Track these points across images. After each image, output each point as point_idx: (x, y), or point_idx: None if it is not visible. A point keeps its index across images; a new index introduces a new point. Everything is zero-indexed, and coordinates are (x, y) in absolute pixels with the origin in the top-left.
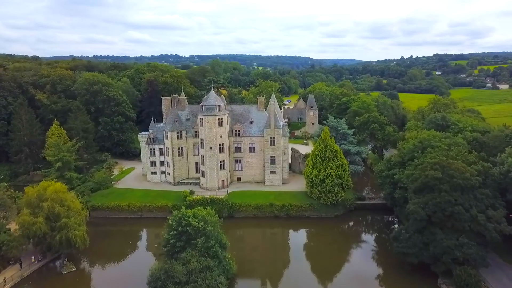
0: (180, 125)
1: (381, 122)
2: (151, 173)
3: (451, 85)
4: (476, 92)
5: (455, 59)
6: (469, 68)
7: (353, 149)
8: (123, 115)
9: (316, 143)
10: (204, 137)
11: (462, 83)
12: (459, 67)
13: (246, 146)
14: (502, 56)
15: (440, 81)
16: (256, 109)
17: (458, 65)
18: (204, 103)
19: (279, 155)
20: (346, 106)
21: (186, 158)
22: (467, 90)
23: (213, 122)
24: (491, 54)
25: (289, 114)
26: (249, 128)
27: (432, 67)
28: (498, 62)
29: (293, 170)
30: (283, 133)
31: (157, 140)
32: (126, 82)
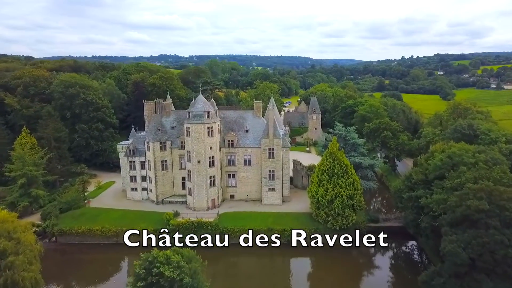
0: (164, 134)
1: (393, 129)
2: (131, 189)
3: (455, 85)
4: (481, 93)
5: (456, 59)
6: (471, 68)
7: (365, 162)
8: (103, 121)
9: (323, 157)
10: (191, 148)
11: (466, 84)
12: (461, 67)
13: (241, 159)
14: (504, 56)
15: (444, 81)
16: (252, 115)
17: (461, 65)
18: (191, 109)
19: (279, 169)
20: (352, 110)
21: (171, 173)
22: (471, 90)
23: (201, 131)
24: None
25: (289, 119)
26: (244, 138)
27: (434, 67)
28: (502, 62)
29: (295, 185)
30: (284, 143)
31: (137, 151)
32: (110, 83)
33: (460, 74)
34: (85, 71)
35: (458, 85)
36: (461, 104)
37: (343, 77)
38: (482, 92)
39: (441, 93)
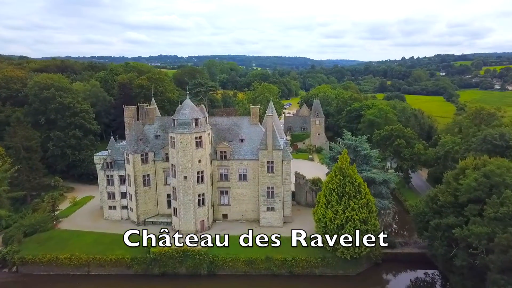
0: (146, 144)
1: (408, 137)
2: (109, 207)
3: (457, 86)
4: (485, 94)
5: (457, 59)
6: (474, 68)
7: (378, 177)
8: (82, 127)
9: (331, 173)
10: (176, 162)
11: (469, 84)
12: (463, 68)
13: (235, 173)
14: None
15: (446, 82)
16: (248, 122)
17: (463, 66)
18: (176, 116)
19: (279, 186)
20: (358, 114)
21: (155, 189)
22: (474, 91)
23: (188, 141)
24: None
25: (290, 123)
26: (239, 149)
27: (435, 67)
28: (504, 63)
29: (298, 202)
30: (285, 155)
31: (116, 164)
32: (95, 85)
33: (462, 74)
34: (72, 71)
35: (461, 86)
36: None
37: (344, 78)
38: (487, 93)
39: (445, 94)
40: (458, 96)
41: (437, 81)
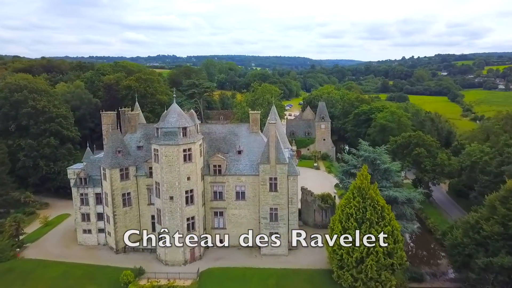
0: (126, 157)
1: (428, 145)
2: (83, 231)
3: (460, 86)
4: (490, 94)
5: (458, 59)
6: (476, 68)
7: (401, 196)
8: (58, 135)
9: (348, 194)
10: (160, 179)
11: (472, 84)
12: (466, 68)
13: (232, 191)
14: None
15: (449, 82)
16: (247, 130)
17: (465, 66)
18: (161, 124)
19: (284, 207)
20: (367, 117)
21: (137, 209)
22: (478, 91)
23: (174, 155)
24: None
25: (293, 127)
26: (236, 162)
27: (437, 67)
28: (506, 62)
29: (305, 222)
30: (291, 170)
31: (91, 180)
32: (79, 86)
33: (464, 74)
34: (59, 71)
35: (464, 86)
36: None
37: (345, 78)
38: (491, 93)
39: (449, 94)
40: (462, 97)
41: (440, 81)
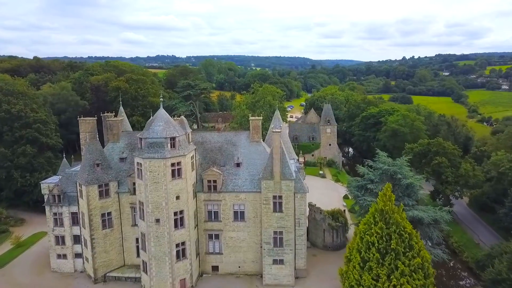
0: (106, 171)
1: (450, 154)
2: (57, 256)
3: (463, 86)
4: (494, 95)
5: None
6: (478, 68)
7: (427, 216)
8: (36, 142)
9: (367, 217)
10: (144, 199)
11: (474, 85)
12: (468, 68)
13: (229, 210)
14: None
15: (452, 82)
16: (246, 139)
17: (467, 66)
18: (145, 133)
19: (290, 230)
20: (377, 121)
21: (119, 232)
22: (482, 92)
23: (160, 170)
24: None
25: (296, 131)
26: (234, 176)
27: (438, 67)
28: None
29: (313, 243)
30: (298, 187)
31: (66, 197)
32: (65, 88)
33: (466, 74)
34: (48, 71)
35: (467, 86)
36: None
37: (346, 78)
38: (495, 94)
39: (453, 95)
40: (467, 97)
41: (443, 81)
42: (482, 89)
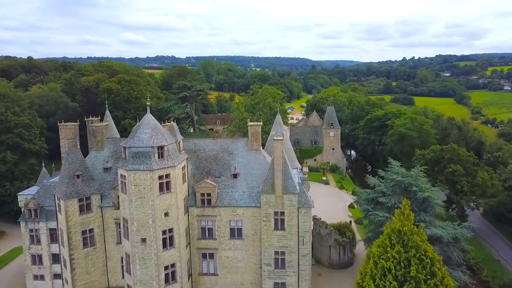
0: (88, 183)
1: (464, 161)
2: (34, 277)
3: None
4: (496, 96)
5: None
6: (479, 69)
7: (446, 234)
8: (17, 148)
9: (382, 239)
10: (129, 216)
11: (476, 86)
12: (469, 68)
13: (225, 227)
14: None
15: (454, 83)
16: (245, 146)
17: (468, 66)
18: (129, 142)
19: (293, 249)
20: (382, 124)
21: (102, 250)
22: (484, 93)
23: (147, 184)
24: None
25: (298, 135)
26: (231, 189)
27: (439, 68)
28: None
29: (317, 260)
30: (302, 201)
31: (44, 212)
32: (54, 89)
33: (467, 75)
34: (41, 71)
35: (468, 87)
36: None
37: (346, 79)
38: (497, 95)
39: (455, 96)
40: (469, 98)
41: (444, 82)
42: (484, 90)
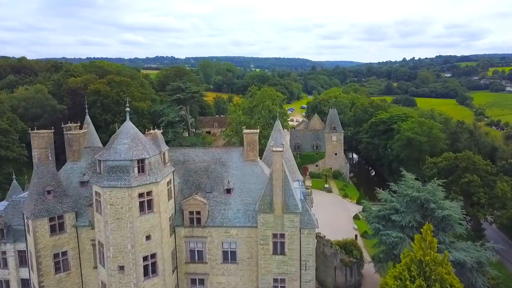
0: (60, 199)
1: (481, 170)
2: None
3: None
4: (499, 97)
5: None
6: (480, 70)
7: (468, 258)
8: None
9: (400, 269)
10: (104, 239)
11: (478, 86)
12: (470, 69)
13: (216, 249)
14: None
15: (455, 84)
16: (240, 157)
17: (469, 67)
18: (105, 154)
19: (295, 276)
20: (387, 127)
21: (78, 275)
22: (486, 94)
23: (124, 203)
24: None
25: (298, 139)
26: (224, 206)
27: (440, 68)
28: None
29: (321, 283)
30: (305, 221)
31: (12, 231)
32: (40, 91)
33: (469, 76)
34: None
35: (470, 88)
36: None
37: (347, 79)
38: (500, 96)
39: (458, 97)
40: (472, 99)
41: (446, 82)
42: (485, 91)
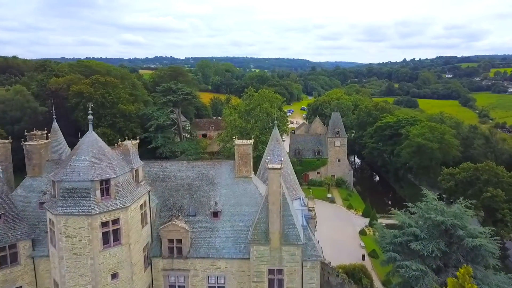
0: (13, 224)
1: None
2: None
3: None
4: (501, 98)
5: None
6: (482, 71)
7: None
8: None
9: None
10: (59, 279)
11: (479, 87)
12: (471, 70)
13: (201, 284)
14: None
15: (457, 85)
16: (230, 172)
17: (471, 68)
18: (60, 173)
19: None
20: (395, 132)
21: None
22: (488, 95)
23: (83, 234)
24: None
25: (299, 144)
26: (210, 233)
27: (440, 69)
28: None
29: None
30: (308, 252)
31: None
32: (20, 91)
33: (470, 77)
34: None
35: (471, 89)
36: None
37: (347, 80)
38: (502, 97)
39: (460, 98)
40: (474, 101)
41: (447, 83)
42: (488, 92)
